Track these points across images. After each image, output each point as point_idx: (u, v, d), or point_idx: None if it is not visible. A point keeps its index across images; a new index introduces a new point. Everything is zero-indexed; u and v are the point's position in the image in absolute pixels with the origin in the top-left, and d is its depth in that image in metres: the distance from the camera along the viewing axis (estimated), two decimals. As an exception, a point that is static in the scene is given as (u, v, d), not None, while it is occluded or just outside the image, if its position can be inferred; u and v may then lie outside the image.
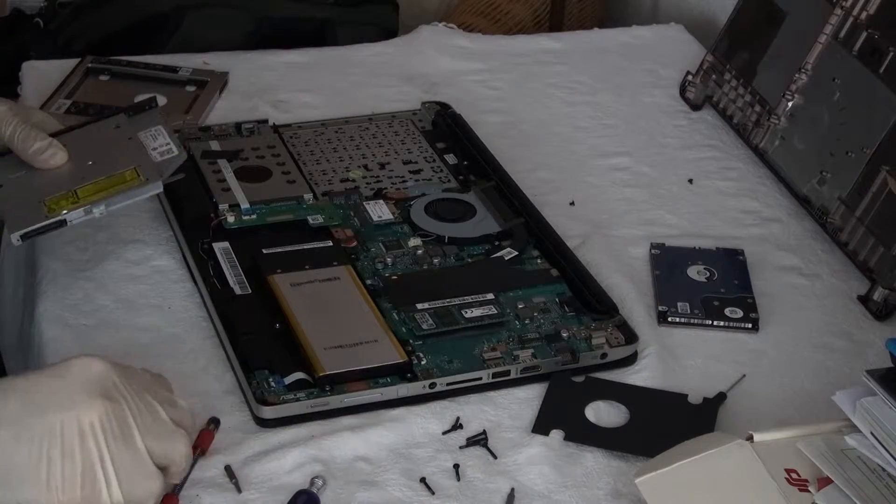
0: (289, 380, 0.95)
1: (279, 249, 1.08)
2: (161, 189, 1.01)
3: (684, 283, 1.11)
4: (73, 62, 1.38)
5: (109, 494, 0.79)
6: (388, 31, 1.61)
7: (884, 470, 0.84)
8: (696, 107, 1.40)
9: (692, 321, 1.07)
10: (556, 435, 0.95)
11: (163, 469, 0.83)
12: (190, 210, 1.13)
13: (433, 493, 0.90)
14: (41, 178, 1.01)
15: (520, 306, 1.04)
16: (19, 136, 0.99)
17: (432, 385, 0.97)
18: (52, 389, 0.80)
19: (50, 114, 1.28)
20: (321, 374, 0.95)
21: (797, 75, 1.26)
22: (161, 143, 1.03)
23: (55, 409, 0.79)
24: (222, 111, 1.33)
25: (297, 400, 0.94)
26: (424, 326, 1.01)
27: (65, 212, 0.98)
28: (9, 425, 0.78)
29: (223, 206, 1.13)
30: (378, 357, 0.97)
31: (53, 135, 1.04)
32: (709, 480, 0.84)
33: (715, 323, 1.07)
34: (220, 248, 1.08)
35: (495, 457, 0.93)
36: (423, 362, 0.98)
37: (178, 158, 1.03)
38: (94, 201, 1.00)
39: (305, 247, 1.09)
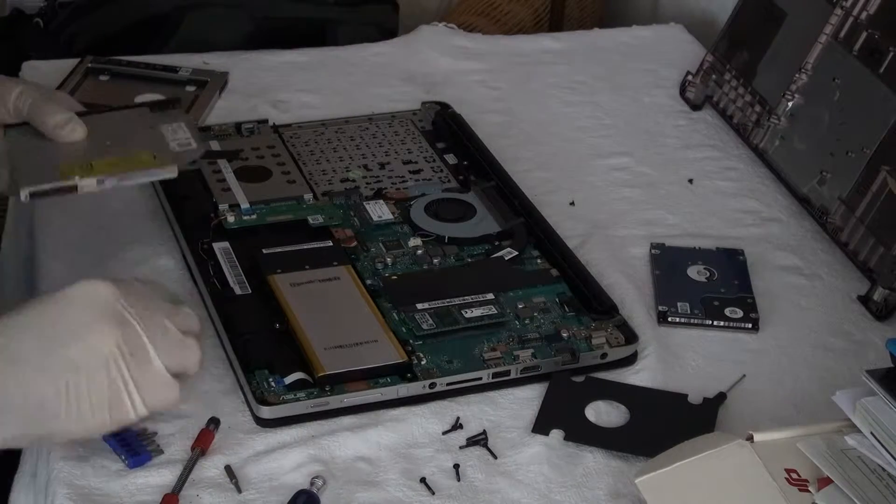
0: (289, 380, 0.95)
1: (279, 249, 1.08)
2: (175, 174, 1.01)
3: (684, 283, 1.11)
4: (73, 62, 1.38)
5: (134, 409, 0.84)
6: (388, 31, 1.61)
7: (884, 470, 0.84)
8: (696, 107, 1.40)
9: (692, 321, 1.07)
10: (556, 435, 0.95)
11: (178, 376, 0.87)
12: (190, 210, 1.13)
13: (433, 493, 0.90)
14: (56, 148, 1.01)
15: (520, 306, 1.04)
16: (39, 109, 0.99)
17: (432, 385, 0.97)
18: (65, 321, 0.83)
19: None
20: (321, 374, 0.95)
21: (797, 75, 1.26)
22: (182, 137, 1.03)
23: (73, 341, 0.83)
24: (222, 111, 1.33)
25: (297, 400, 0.94)
26: (424, 326, 1.01)
27: (77, 178, 0.98)
28: (29, 361, 0.81)
29: (223, 206, 1.13)
30: (378, 357, 0.97)
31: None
32: (709, 480, 0.84)
33: (715, 323, 1.07)
34: (220, 248, 1.08)
35: (495, 457, 0.93)
36: (423, 362, 0.98)
37: (196, 152, 1.03)
38: (107, 174, 0.99)
39: (305, 247, 1.09)
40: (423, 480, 0.91)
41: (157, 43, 1.54)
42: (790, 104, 1.27)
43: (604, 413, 0.97)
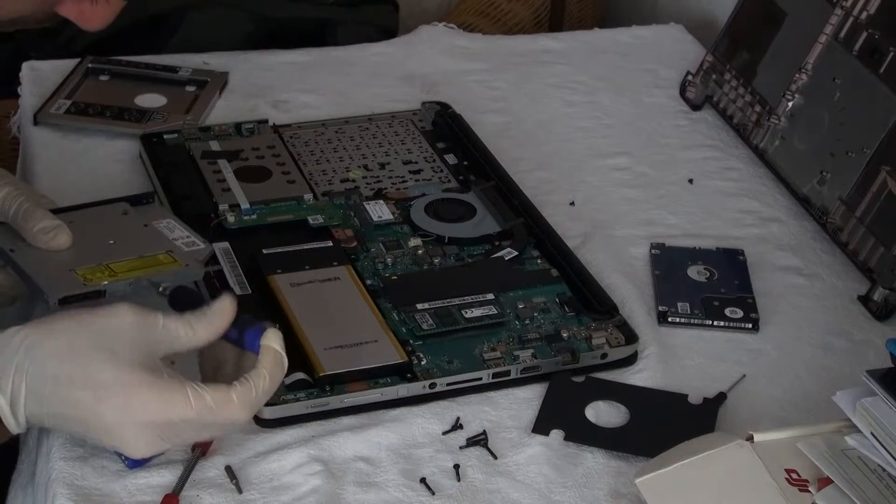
0: (289, 380, 0.95)
1: (279, 249, 1.08)
2: (201, 276, 0.99)
3: (684, 283, 1.11)
4: (73, 62, 1.38)
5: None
6: (388, 31, 1.61)
7: (884, 470, 0.84)
8: (696, 107, 1.40)
9: (692, 321, 1.07)
10: (556, 435, 0.95)
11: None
12: (190, 210, 1.13)
13: (433, 494, 0.90)
14: (60, 251, 0.97)
15: (520, 306, 1.04)
16: (23, 213, 0.96)
17: (432, 385, 0.97)
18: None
19: (51, 113, 1.29)
20: (321, 375, 0.95)
21: (797, 75, 1.26)
22: (181, 236, 1.01)
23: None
24: (222, 111, 1.33)
25: (297, 400, 0.94)
26: (424, 326, 1.01)
27: (105, 282, 0.94)
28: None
29: (223, 206, 1.13)
30: (378, 357, 0.97)
31: (56, 211, 1.00)
32: (709, 480, 0.84)
33: (715, 323, 1.07)
34: (220, 248, 1.08)
35: (495, 457, 0.93)
36: (423, 362, 0.98)
37: (206, 250, 1.01)
38: (133, 278, 0.95)
39: (305, 247, 1.09)
40: (423, 481, 0.91)
41: (157, 43, 1.54)
42: (790, 104, 1.27)
43: (604, 413, 0.97)
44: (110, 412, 0.82)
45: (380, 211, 1.14)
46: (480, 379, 0.98)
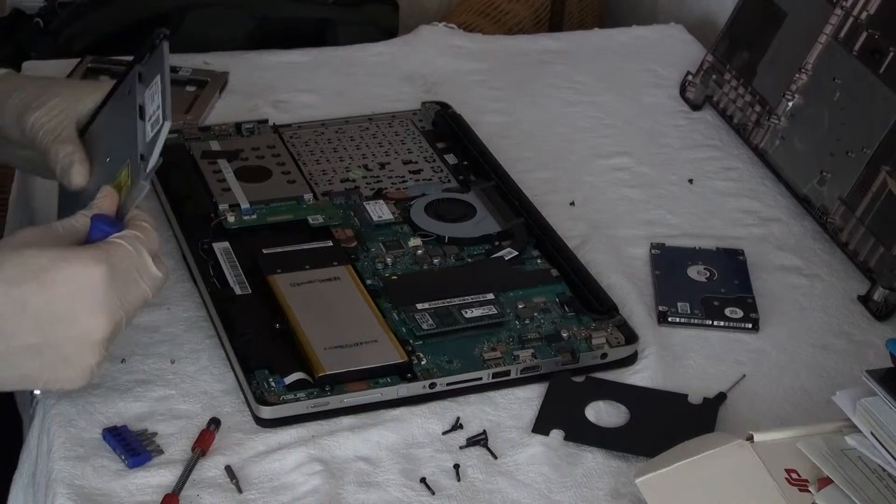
0: (289, 380, 0.95)
1: (279, 249, 1.08)
2: (146, 189, 0.96)
3: (684, 283, 1.11)
4: (73, 62, 1.38)
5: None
6: (388, 31, 1.61)
7: (884, 470, 0.84)
8: (696, 107, 1.40)
9: (692, 321, 1.07)
10: (556, 435, 0.95)
11: None
12: (190, 210, 1.13)
13: (433, 493, 0.90)
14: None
15: (520, 306, 1.04)
16: (48, 150, 0.97)
17: (432, 385, 0.97)
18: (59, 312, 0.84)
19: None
20: (321, 374, 0.95)
21: (797, 75, 1.26)
22: (155, 108, 0.93)
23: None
24: (222, 111, 1.33)
25: (297, 400, 0.94)
26: (424, 326, 1.01)
27: None
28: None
29: (223, 206, 1.13)
30: (378, 357, 0.97)
31: (84, 129, 0.99)
32: (709, 480, 0.84)
33: (715, 323, 1.07)
34: (220, 248, 1.08)
35: (495, 457, 0.93)
36: (423, 362, 0.98)
37: (164, 129, 0.95)
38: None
39: (305, 247, 1.09)
40: (423, 480, 0.91)
41: (158, 43, 1.54)
42: (790, 104, 1.27)
43: (604, 413, 0.97)
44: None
45: (380, 211, 1.14)
46: (480, 379, 0.98)
